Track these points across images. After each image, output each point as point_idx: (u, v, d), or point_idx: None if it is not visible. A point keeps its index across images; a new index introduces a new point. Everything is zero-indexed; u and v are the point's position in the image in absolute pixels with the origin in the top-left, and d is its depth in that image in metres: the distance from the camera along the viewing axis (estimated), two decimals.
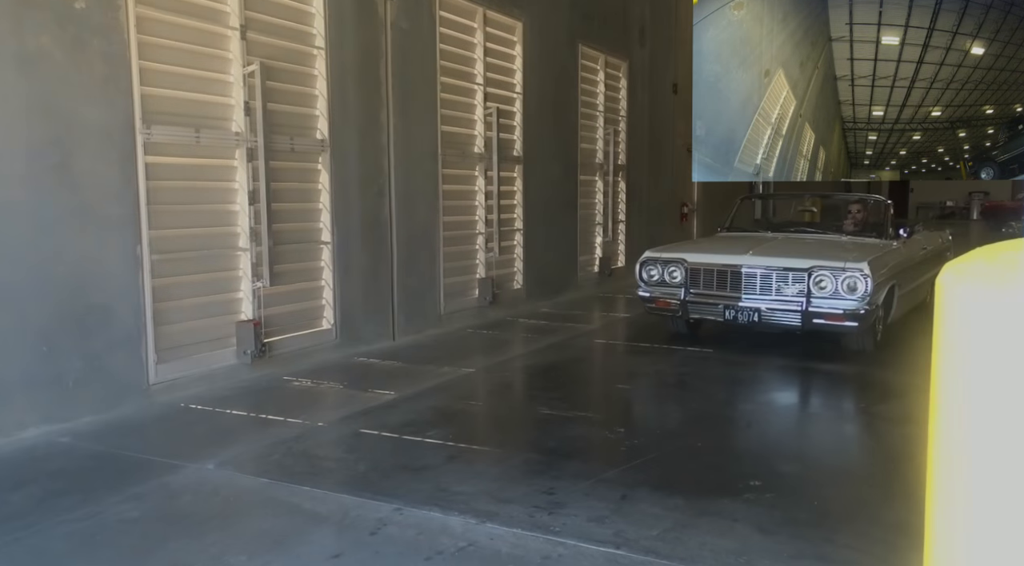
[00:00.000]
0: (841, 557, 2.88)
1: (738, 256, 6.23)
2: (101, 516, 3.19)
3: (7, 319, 4.10)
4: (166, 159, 4.89)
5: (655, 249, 6.75)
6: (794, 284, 5.91)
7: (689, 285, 6.36)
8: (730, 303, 6.14)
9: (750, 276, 6.09)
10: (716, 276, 6.24)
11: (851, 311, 5.72)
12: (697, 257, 6.45)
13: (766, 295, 6.05)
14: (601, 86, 10.35)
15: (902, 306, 6.69)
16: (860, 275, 5.67)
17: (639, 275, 6.57)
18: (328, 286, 6.14)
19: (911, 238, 7.12)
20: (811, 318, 5.86)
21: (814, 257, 6.01)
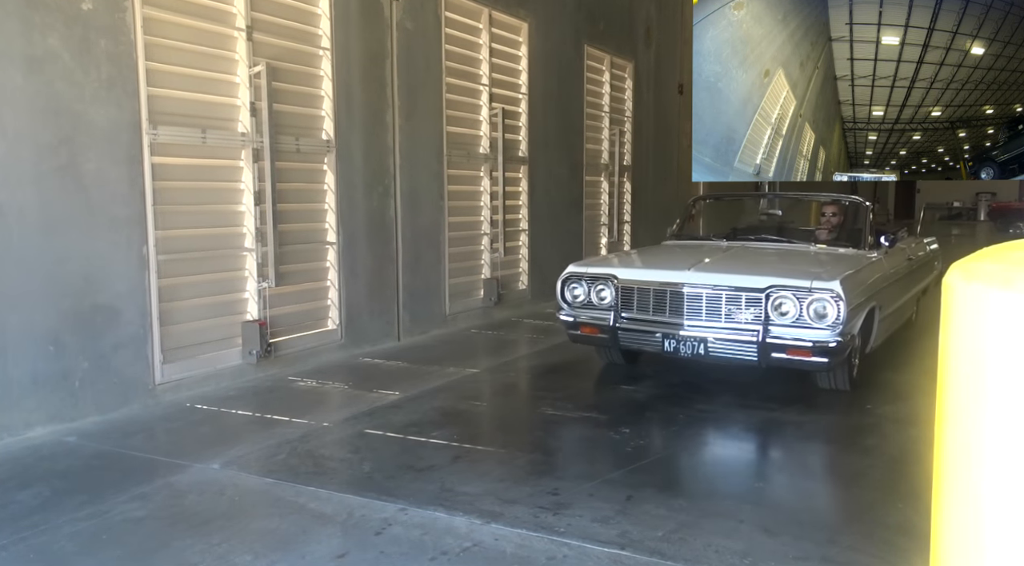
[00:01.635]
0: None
1: (679, 272, 5.04)
2: (107, 515, 3.20)
3: (14, 319, 4.11)
4: (172, 160, 4.90)
5: (581, 263, 5.60)
6: (748, 308, 4.70)
7: (620, 308, 5.12)
8: (670, 331, 4.89)
9: (693, 297, 4.86)
10: (653, 297, 5.01)
11: (820, 344, 4.51)
12: (630, 273, 5.22)
13: (713, 321, 4.81)
14: (606, 87, 10.35)
15: (884, 330, 5.59)
16: (830, 297, 4.47)
17: (560, 295, 5.36)
18: (333, 286, 6.15)
19: (894, 247, 5.96)
20: (769, 352, 4.63)
21: (773, 273, 4.83)
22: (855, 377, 5.06)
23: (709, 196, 8.42)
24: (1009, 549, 1.00)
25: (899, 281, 5.89)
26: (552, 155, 9.00)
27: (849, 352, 4.75)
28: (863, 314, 4.88)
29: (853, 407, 4.85)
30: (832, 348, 4.52)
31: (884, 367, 5.71)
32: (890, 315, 5.63)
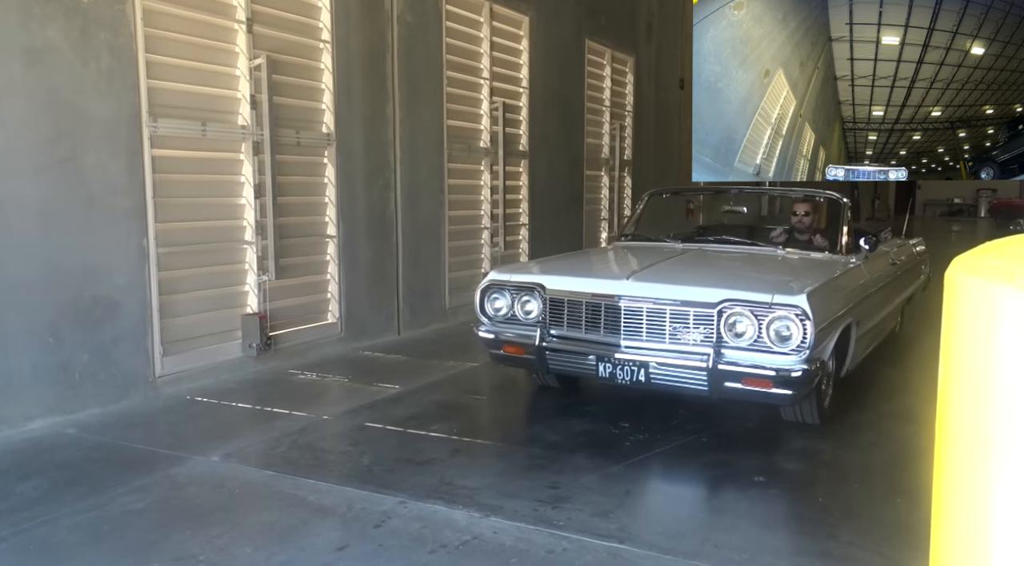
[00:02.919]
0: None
1: (614, 281, 4.24)
2: (107, 507, 3.21)
3: (14, 311, 4.11)
4: (172, 152, 4.90)
5: (504, 268, 4.78)
6: (697, 326, 3.91)
7: (549, 323, 4.31)
8: (605, 353, 4.09)
9: (632, 313, 4.07)
10: (586, 311, 4.21)
11: (782, 372, 3.71)
12: (560, 282, 4.35)
13: (656, 342, 4.02)
14: (607, 81, 10.33)
15: (863, 349, 4.82)
16: (794, 315, 3.68)
17: (479, 307, 4.54)
18: (333, 280, 6.15)
19: (876, 250, 5.17)
20: (721, 380, 3.83)
21: (727, 285, 4.02)
22: (826, 408, 4.27)
23: (664, 190, 7.27)
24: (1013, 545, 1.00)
25: (881, 290, 5.11)
26: (553, 149, 8.99)
27: (819, 381, 3.95)
28: (836, 333, 4.09)
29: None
30: (796, 378, 3.69)
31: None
32: (870, 331, 4.89)
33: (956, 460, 1.09)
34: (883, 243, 5.62)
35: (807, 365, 3.72)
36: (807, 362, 3.73)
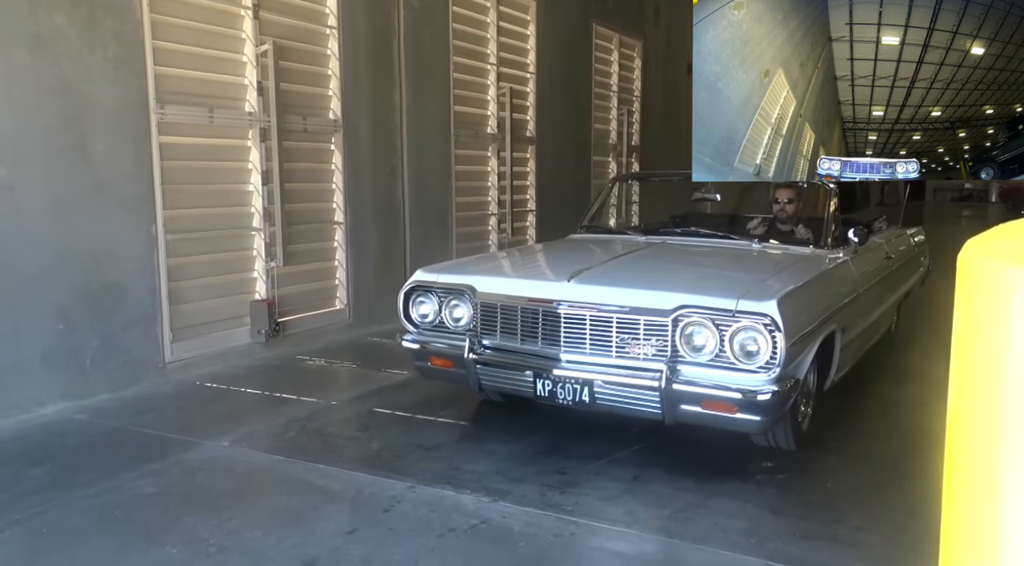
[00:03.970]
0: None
1: (554, 283, 3.62)
2: (119, 492, 3.23)
3: (25, 297, 4.14)
4: (180, 139, 4.90)
5: (433, 267, 4.12)
6: (648, 338, 3.33)
7: (480, 332, 3.74)
8: (543, 368, 3.52)
9: (573, 321, 3.48)
10: (521, 318, 3.62)
11: (748, 394, 3.13)
12: (493, 283, 3.79)
13: (601, 356, 3.44)
14: (615, 66, 10.27)
15: (850, 357, 4.23)
16: (762, 326, 3.10)
17: (403, 312, 3.99)
18: (341, 266, 6.16)
19: (868, 242, 4.58)
20: (676, 403, 3.27)
21: (685, 287, 3.42)
22: (804, 431, 3.69)
23: (632, 176, 6.69)
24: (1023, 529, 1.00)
25: (873, 288, 4.49)
26: (560, 135, 8.96)
27: (793, 402, 3.38)
28: (816, 343, 3.49)
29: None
30: (764, 402, 3.11)
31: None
32: (859, 336, 4.29)
33: (968, 446, 1.08)
34: (878, 233, 5.12)
35: (778, 385, 3.12)
36: (778, 382, 3.12)
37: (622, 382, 3.39)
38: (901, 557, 2.72)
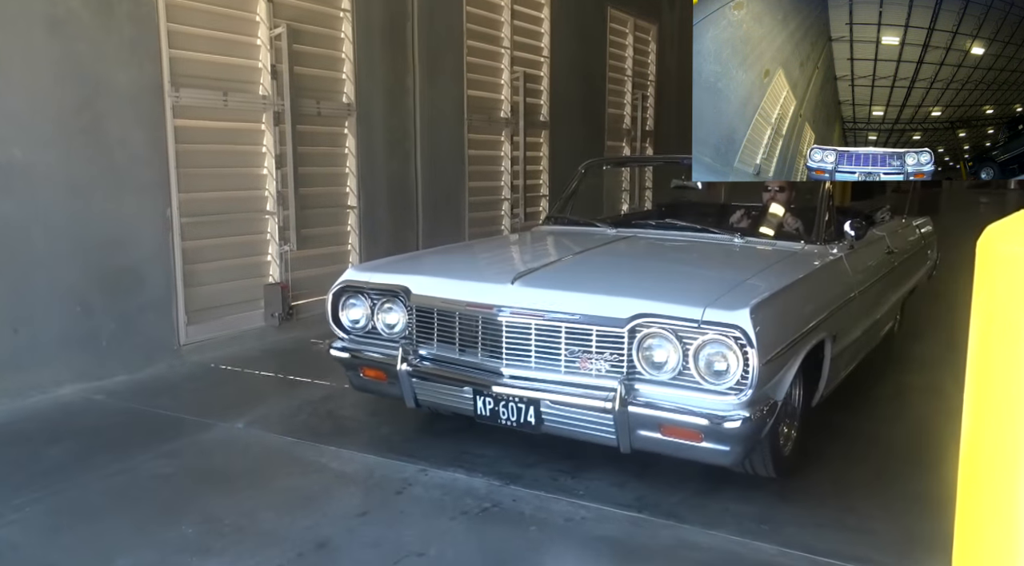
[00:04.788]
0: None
1: (497, 285, 3.16)
2: (135, 472, 3.28)
3: (44, 279, 4.18)
4: (194, 122, 4.91)
5: (367, 265, 3.84)
6: (602, 352, 2.89)
7: (416, 340, 3.32)
8: (483, 384, 3.08)
9: (517, 330, 3.03)
10: (460, 325, 3.18)
11: (715, 420, 2.71)
12: (430, 284, 3.33)
13: (548, 371, 3.00)
14: (630, 50, 10.19)
15: (844, 366, 3.75)
16: (732, 339, 2.67)
17: (332, 316, 3.57)
18: (354, 250, 6.18)
19: (868, 235, 4.07)
20: (633, 428, 2.85)
21: (644, 292, 2.98)
22: (787, 456, 3.21)
23: (607, 160, 6.00)
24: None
25: (872, 288, 4.02)
26: (574, 119, 8.91)
27: (771, 428, 2.89)
28: (801, 356, 3.04)
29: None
30: (734, 431, 2.68)
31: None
32: (855, 343, 3.80)
33: (986, 434, 1.07)
34: (880, 225, 4.67)
35: (750, 410, 2.69)
36: (751, 405, 2.69)
37: (572, 402, 2.91)
38: (912, 547, 2.72)
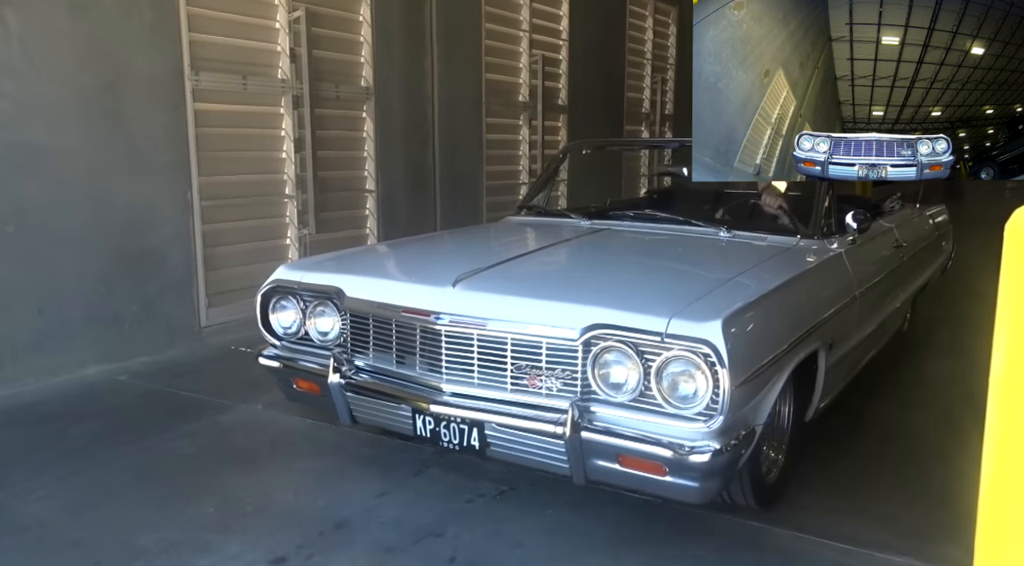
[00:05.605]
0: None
1: (436, 289, 2.74)
2: (157, 451, 3.33)
3: (69, 260, 4.24)
4: (214, 106, 4.94)
5: (301, 263, 3.57)
6: (552, 368, 2.50)
7: (352, 349, 2.93)
8: (421, 400, 2.70)
9: (458, 341, 2.63)
10: (397, 333, 2.79)
11: (680, 452, 2.31)
12: (365, 286, 2.92)
13: (493, 388, 2.60)
14: (649, 33, 10.10)
15: (842, 375, 3.35)
16: (700, 357, 2.28)
17: (261, 320, 3.21)
18: (372, 234, 6.20)
19: (874, 227, 3.73)
20: (587, 456, 2.46)
21: (602, 299, 2.56)
22: (771, 482, 2.86)
23: (587, 143, 5.79)
24: None
25: (877, 286, 3.61)
26: (592, 103, 8.86)
27: (749, 458, 2.51)
28: (787, 371, 2.64)
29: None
30: (701, 465, 2.29)
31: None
32: (856, 349, 3.40)
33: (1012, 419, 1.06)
34: (889, 215, 4.26)
35: (721, 441, 2.30)
36: (722, 435, 2.30)
37: (519, 426, 2.52)
38: (933, 534, 2.71)
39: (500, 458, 2.69)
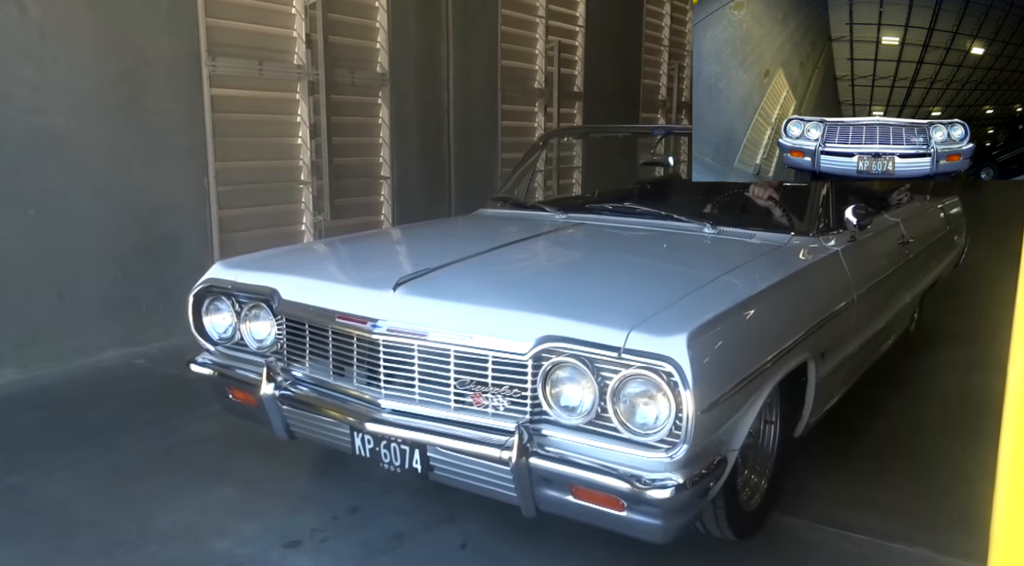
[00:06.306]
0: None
1: (374, 292, 2.46)
2: (175, 435, 3.37)
3: (87, 246, 4.28)
4: (231, 91, 4.95)
5: (234, 260, 3.03)
6: (499, 385, 2.22)
7: (288, 358, 2.65)
8: (358, 416, 2.41)
9: (397, 352, 2.35)
10: (333, 342, 2.50)
11: (639, 485, 2.01)
12: (302, 287, 2.63)
13: (435, 406, 2.32)
14: (667, 19, 10.01)
15: (837, 386, 3.11)
16: (662, 377, 1.96)
17: (193, 322, 2.96)
18: (387, 221, 6.21)
19: (877, 223, 3.51)
20: (536, 485, 2.18)
21: (556, 306, 2.29)
22: (751, 510, 2.60)
23: (567, 131, 5.22)
24: None
25: (877, 288, 3.31)
26: (608, 90, 8.80)
27: (721, 489, 2.24)
28: (770, 387, 2.38)
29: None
30: (663, 502, 2.00)
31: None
32: (852, 357, 3.12)
33: None
34: (893, 209, 3.95)
35: (685, 473, 2.02)
36: (686, 467, 2.02)
37: (462, 449, 2.23)
38: (948, 525, 2.69)
39: (446, 483, 2.38)
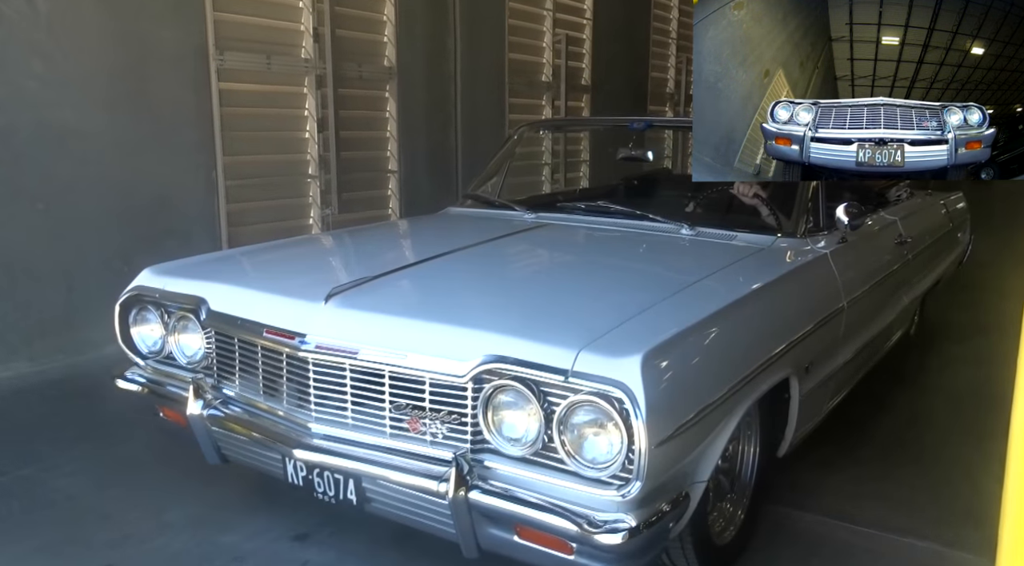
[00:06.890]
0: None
1: (305, 304, 2.23)
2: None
3: (95, 239, 4.29)
4: (239, 85, 4.95)
5: (165, 266, 2.73)
6: (437, 410, 1.97)
7: (218, 374, 2.44)
8: (288, 441, 2.17)
9: (328, 372, 2.11)
10: (262, 357, 2.29)
11: (587, 527, 1.77)
12: (233, 296, 2.42)
13: (370, 432, 2.10)
14: (675, 11, 9.96)
15: (825, 401, 2.87)
16: (611, 404, 1.71)
17: (120, 333, 2.73)
18: (395, 214, 6.21)
19: (872, 221, 3.35)
20: (478, 523, 1.94)
21: (501, 322, 2.07)
22: (726, 543, 2.37)
23: (543, 124, 5.39)
24: None
25: (870, 293, 3.09)
26: (616, 83, 8.77)
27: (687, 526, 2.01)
28: (743, 409, 2.13)
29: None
30: (613, 547, 1.77)
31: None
32: (841, 369, 2.88)
33: None
34: (891, 206, 3.75)
35: (638, 514, 1.80)
36: (640, 507, 1.80)
37: (398, 480, 2.02)
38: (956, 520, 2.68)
39: (384, 517, 2.16)
